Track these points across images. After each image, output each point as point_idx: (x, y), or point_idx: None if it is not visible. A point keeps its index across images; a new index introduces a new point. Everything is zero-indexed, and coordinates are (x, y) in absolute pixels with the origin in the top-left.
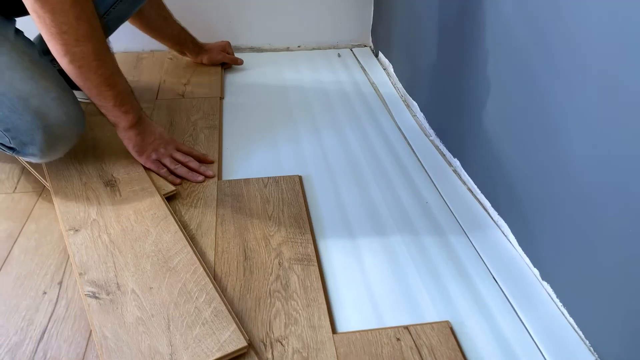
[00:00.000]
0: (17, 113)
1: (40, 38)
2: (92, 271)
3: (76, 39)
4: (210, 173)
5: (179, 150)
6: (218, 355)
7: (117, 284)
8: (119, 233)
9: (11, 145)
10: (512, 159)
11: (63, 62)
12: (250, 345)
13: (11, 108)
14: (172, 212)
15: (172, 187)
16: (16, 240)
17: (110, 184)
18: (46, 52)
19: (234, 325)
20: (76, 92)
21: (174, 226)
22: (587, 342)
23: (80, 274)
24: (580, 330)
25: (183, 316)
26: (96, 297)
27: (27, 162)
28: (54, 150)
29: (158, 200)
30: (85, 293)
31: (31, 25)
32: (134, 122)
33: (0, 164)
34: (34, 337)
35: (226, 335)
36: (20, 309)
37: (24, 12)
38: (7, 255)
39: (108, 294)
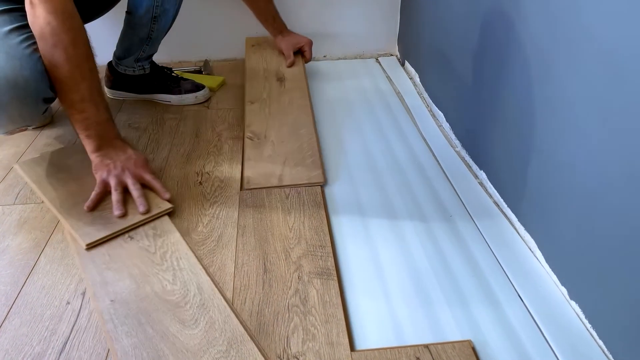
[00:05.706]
0: None
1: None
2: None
3: (50, 63)
4: (142, 209)
5: (137, 177)
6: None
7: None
8: None
9: None
10: (540, 172)
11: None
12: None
13: None
14: None
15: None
16: (43, 249)
17: None
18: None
19: None
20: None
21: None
22: None
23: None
24: (611, 353)
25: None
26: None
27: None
28: (7, 115)
29: None
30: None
31: None
32: (94, 147)
33: None
34: (56, 347)
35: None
36: (44, 318)
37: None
38: (34, 265)
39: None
